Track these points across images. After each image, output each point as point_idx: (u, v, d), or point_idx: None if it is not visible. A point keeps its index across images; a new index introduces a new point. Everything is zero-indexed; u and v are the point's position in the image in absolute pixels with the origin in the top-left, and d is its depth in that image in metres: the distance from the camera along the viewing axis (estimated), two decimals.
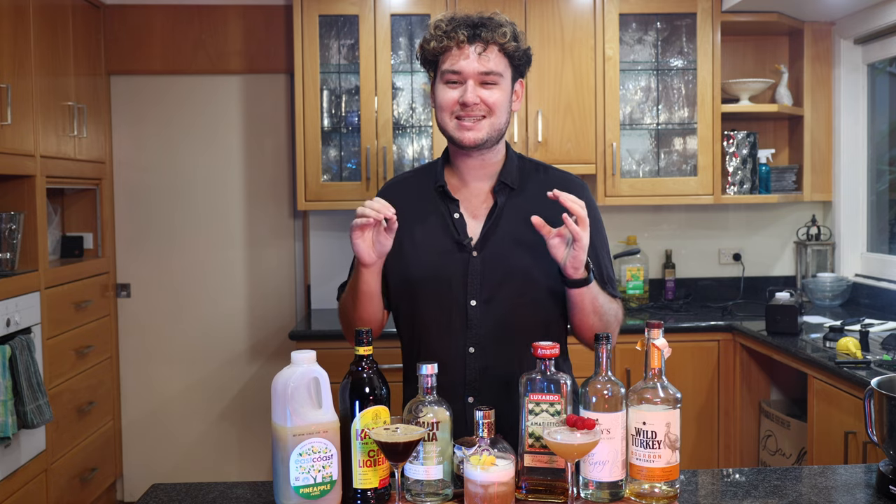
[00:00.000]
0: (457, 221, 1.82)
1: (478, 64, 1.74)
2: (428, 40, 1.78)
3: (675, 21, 3.79)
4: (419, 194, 1.87)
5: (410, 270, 1.83)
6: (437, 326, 1.81)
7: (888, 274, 3.68)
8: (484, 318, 1.79)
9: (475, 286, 1.79)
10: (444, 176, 1.85)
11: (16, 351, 2.89)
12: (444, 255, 1.81)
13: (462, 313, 1.79)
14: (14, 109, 3.02)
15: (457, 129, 1.77)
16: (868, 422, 1.60)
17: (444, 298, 1.80)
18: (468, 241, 1.80)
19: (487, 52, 1.74)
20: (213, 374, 4.15)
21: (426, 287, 1.82)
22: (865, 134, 3.90)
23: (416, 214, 1.84)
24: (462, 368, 1.79)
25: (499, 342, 1.80)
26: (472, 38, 1.73)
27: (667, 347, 1.50)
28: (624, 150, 3.81)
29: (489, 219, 1.81)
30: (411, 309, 1.86)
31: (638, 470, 1.48)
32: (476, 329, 1.80)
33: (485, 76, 1.75)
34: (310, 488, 1.43)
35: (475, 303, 1.79)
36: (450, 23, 1.76)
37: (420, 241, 1.83)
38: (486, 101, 1.75)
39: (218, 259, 4.14)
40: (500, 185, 1.83)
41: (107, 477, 3.92)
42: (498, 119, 1.77)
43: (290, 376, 1.43)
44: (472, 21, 1.75)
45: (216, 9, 4.02)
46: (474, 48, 1.74)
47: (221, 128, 4.11)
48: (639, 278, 3.93)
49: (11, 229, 3.12)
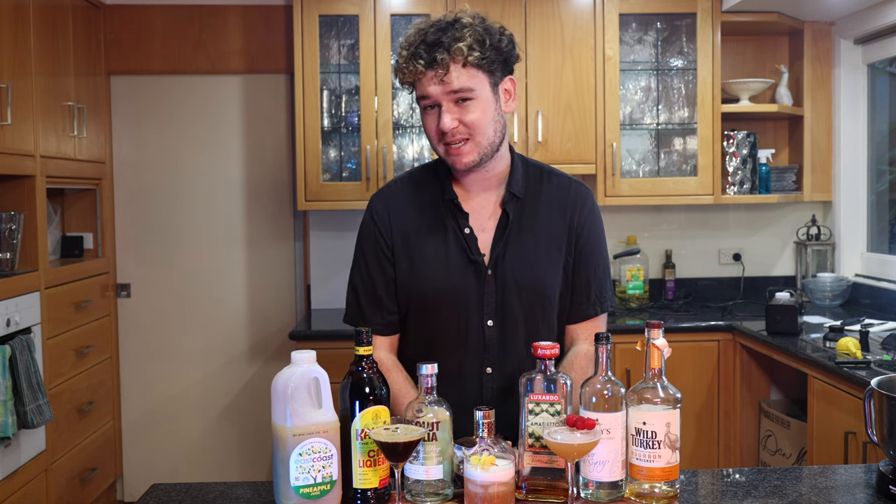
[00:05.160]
0: (468, 237, 1.77)
1: (443, 86, 1.66)
2: (397, 69, 1.72)
3: (675, 21, 3.79)
4: (426, 206, 1.81)
5: (425, 290, 1.78)
6: (452, 347, 1.76)
7: (888, 274, 3.68)
8: (500, 337, 1.77)
9: (490, 305, 1.76)
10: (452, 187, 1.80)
11: (16, 351, 2.89)
12: (458, 274, 1.76)
13: (479, 333, 1.76)
14: (14, 109, 3.02)
15: (447, 154, 1.72)
16: (868, 422, 1.60)
17: (461, 318, 1.76)
18: (481, 258, 1.76)
19: (450, 73, 1.65)
20: (213, 374, 4.15)
21: (442, 307, 1.77)
22: (865, 134, 3.90)
23: (426, 229, 1.79)
24: (479, 389, 1.77)
25: (514, 361, 1.78)
26: (430, 64, 1.65)
27: (667, 347, 1.50)
28: (624, 150, 3.81)
29: (500, 232, 1.77)
30: (424, 329, 1.81)
31: (638, 470, 1.48)
32: (492, 349, 1.77)
33: (454, 94, 1.67)
34: (310, 488, 1.43)
35: (491, 322, 1.76)
36: (409, 47, 1.68)
37: (433, 259, 1.77)
38: (464, 121, 1.68)
39: (218, 259, 4.13)
40: (509, 196, 1.78)
41: (107, 477, 3.92)
42: (483, 136, 1.70)
43: (290, 376, 1.43)
44: (429, 41, 1.65)
45: (216, 9, 4.02)
46: (436, 73, 1.65)
47: (221, 128, 4.11)
48: (639, 278, 3.93)
49: (11, 229, 3.12)
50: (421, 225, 1.80)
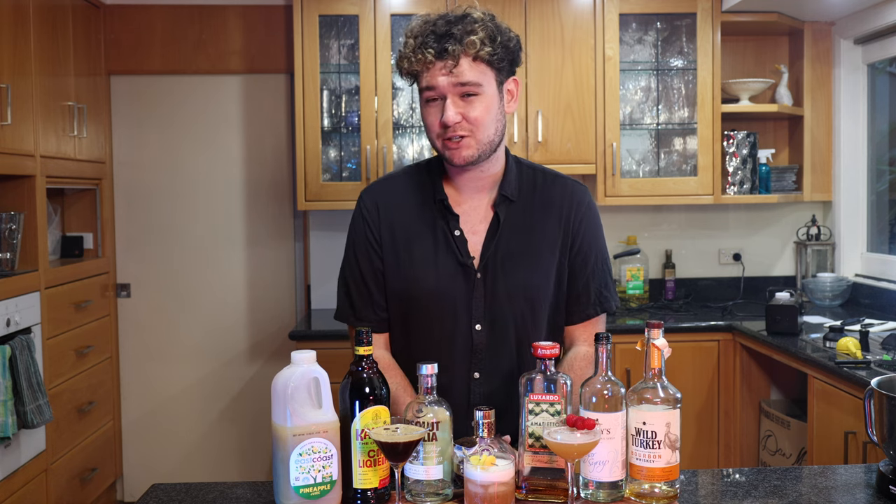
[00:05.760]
0: (458, 239, 1.74)
1: (451, 77, 1.64)
2: (401, 58, 1.70)
3: (675, 21, 3.79)
4: (416, 205, 1.79)
5: (413, 292, 1.76)
6: (439, 351, 1.72)
7: (888, 274, 3.68)
8: (489, 342, 1.75)
9: (479, 309, 1.74)
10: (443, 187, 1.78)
11: (16, 351, 2.89)
12: (447, 276, 1.74)
13: (466, 338, 1.74)
14: (14, 109, 3.02)
15: (445, 149, 1.70)
16: (868, 422, 1.60)
17: (448, 322, 1.74)
18: (471, 262, 1.74)
19: (460, 65, 1.64)
20: (213, 374, 4.15)
21: (429, 310, 1.75)
22: (865, 134, 3.90)
23: (415, 228, 1.77)
24: (466, 393, 1.76)
25: (502, 366, 1.76)
26: (440, 54, 1.63)
27: (667, 347, 1.49)
28: (624, 150, 3.81)
29: (490, 235, 1.75)
30: (411, 331, 1.79)
31: (638, 470, 1.48)
32: (480, 354, 1.75)
33: (462, 87, 1.65)
34: (310, 488, 1.42)
35: (479, 327, 1.74)
36: (417, 37, 1.66)
37: (421, 260, 1.75)
38: (467, 117, 1.66)
39: (218, 259, 4.14)
40: (501, 198, 1.76)
41: (107, 477, 3.92)
42: (484, 133, 1.68)
43: (290, 376, 1.43)
44: (439, 32, 1.64)
45: (216, 9, 4.02)
46: (445, 64, 1.63)
47: (221, 128, 4.11)
48: (639, 278, 3.93)
49: (11, 229, 3.12)
50: (410, 224, 1.78)
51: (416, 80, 1.71)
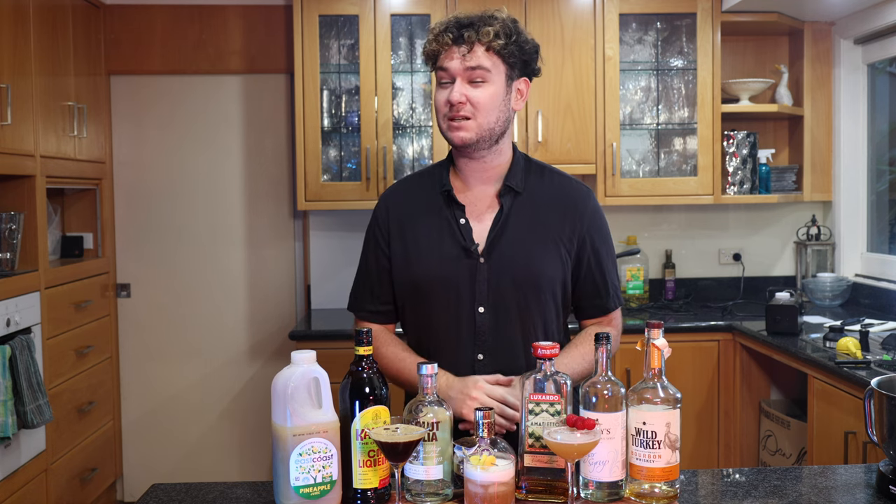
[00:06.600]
0: (463, 227, 1.82)
1: (463, 61, 1.76)
2: (426, 43, 1.82)
3: (675, 21, 3.79)
4: (424, 198, 1.88)
5: (418, 277, 1.83)
6: (445, 334, 1.82)
7: (888, 274, 3.68)
8: (492, 324, 1.80)
9: (482, 293, 1.80)
10: (450, 180, 1.86)
11: (16, 351, 2.89)
12: (451, 261, 1.81)
13: (470, 321, 1.80)
14: (14, 109, 3.02)
15: (448, 129, 1.79)
16: (868, 422, 1.60)
17: (452, 305, 1.81)
18: (475, 248, 1.81)
19: (473, 51, 1.75)
20: (213, 374, 4.15)
21: (433, 294, 1.82)
22: (865, 134, 3.90)
23: (422, 219, 1.85)
24: (471, 375, 1.79)
25: (506, 349, 1.81)
26: (457, 40, 1.76)
27: (667, 347, 1.50)
28: (624, 150, 3.81)
29: (495, 224, 1.81)
30: (418, 316, 1.87)
31: (638, 470, 1.48)
32: (484, 336, 1.80)
33: (471, 72, 1.75)
34: (310, 488, 1.43)
35: (483, 310, 1.80)
36: (442, 25, 1.79)
37: (426, 247, 1.83)
38: (471, 99, 1.75)
39: (218, 259, 4.13)
40: (506, 189, 1.83)
41: (107, 477, 3.92)
42: (485, 118, 1.77)
43: (290, 376, 1.43)
44: (462, 22, 1.77)
45: (216, 9, 4.02)
46: (459, 49, 1.76)
47: (221, 128, 4.11)
48: (639, 278, 3.93)
49: (11, 229, 3.12)
50: (418, 215, 1.86)
51: (435, 61, 1.81)
